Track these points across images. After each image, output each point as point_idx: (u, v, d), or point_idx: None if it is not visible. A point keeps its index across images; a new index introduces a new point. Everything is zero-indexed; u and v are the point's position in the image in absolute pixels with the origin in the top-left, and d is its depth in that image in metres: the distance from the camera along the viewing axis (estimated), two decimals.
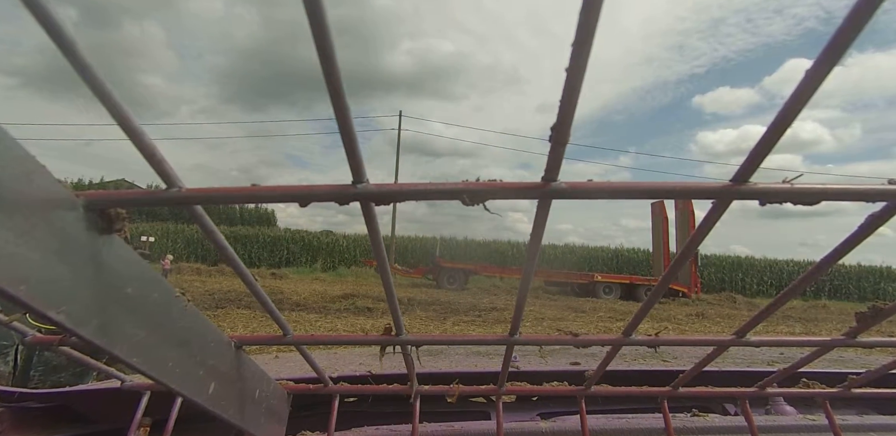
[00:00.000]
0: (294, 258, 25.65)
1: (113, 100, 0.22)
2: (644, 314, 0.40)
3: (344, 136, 0.24)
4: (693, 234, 0.31)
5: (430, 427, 0.74)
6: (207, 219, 0.29)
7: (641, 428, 0.73)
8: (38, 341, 0.43)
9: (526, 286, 0.36)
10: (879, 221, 0.28)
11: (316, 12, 0.18)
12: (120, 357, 0.27)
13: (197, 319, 0.37)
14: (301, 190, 0.26)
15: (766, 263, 27.47)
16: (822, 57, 0.20)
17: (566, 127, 0.22)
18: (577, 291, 16.05)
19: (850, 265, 26.94)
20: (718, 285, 24.33)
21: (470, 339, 0.47)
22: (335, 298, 10.34)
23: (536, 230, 0.30)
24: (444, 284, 15.57)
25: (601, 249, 28.51)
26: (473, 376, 1.01)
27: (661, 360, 1.26)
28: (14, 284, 0.20)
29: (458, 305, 10.10)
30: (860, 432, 0.75)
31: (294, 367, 1.08)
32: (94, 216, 0.25)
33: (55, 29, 0.19)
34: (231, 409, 0.42)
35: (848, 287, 26.07)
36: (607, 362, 0.50)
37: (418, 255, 24.75)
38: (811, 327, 9.89)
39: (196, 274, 16.13)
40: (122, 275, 0.27)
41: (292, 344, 0.45)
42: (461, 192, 0.26)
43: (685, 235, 15.32)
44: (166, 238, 23.53)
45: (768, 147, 0.24)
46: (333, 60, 0.20)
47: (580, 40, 0.19)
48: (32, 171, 0.22)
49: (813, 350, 0.47)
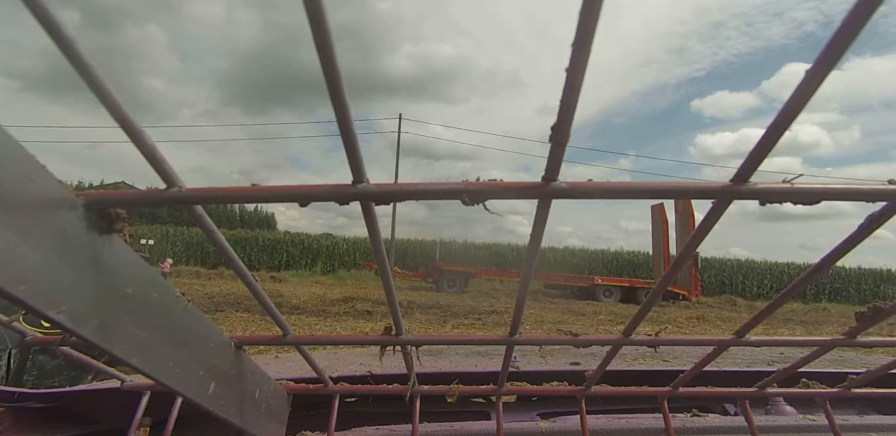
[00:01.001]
0: (293, 261, 25.65)
1: (113, 101, 0.22)
2: (644, 314, 0.40)
3: (344, 136, 0.24)
4: (693, 234, 0.31)
5: (430, 427, 0.74)
6: (207, 219, 0.29)
7: (641, 428, 0.73)
8: (36, 342, 0.43)
9: (526, 287, 0.36)
10: (879, 222, 0.28)
11: (316, 13, 0.18)
12: (120, 357, 0.27)
13: (197, 320, 0.37)
14: (301, 190, 0.26)
15: (766, 266, 27.48)
16: (821, 58, 0.20)
17: (566, 127, 0.23)
18: (577, 294, 16.06)
19: (850, 268, 26.96)
20: (718, 288, 24.34)
21: (470, 339, 0.47)
22: (335, 301, 10.33)
23: (536, 230, 0.30)
24: (444, 287, 15.59)
25: (601, 251, 28.56)
26: (473, 376, 1.01)
27: (661, 360, 1.26)
28: (14, 284, 0.20)
29: (457, 309, 10.10)
30: (860, 432, 0.75)
31: (294, 367, 1.08)
32: (94, 216, 0.25)
33: (55, 29, 0.19)
34: (231, 409, 0.42)
35: (848, 290, 26.07)
36: (607, 362, 0.50)
37: (418, 258, 24.78)
38: (812, 330, 9.90)
39: (195, 277, 16.14)
40: (123, 275, 0.27)
41: (292, 344, 0.45)
42: (461, 191, 0.26)
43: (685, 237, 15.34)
44: (166, 241, 23.51)
45: (768, 147, 0.24)
46: (333, 60, 0.20)
47: (580, 41, 0.19)
48: (33, 171, 0.22)
49: (813, 350, 0.47)
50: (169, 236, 24.20)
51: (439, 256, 18.79)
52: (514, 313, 0.41)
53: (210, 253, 22.57)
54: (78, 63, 0.20)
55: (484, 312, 9.86)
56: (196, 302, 0.37)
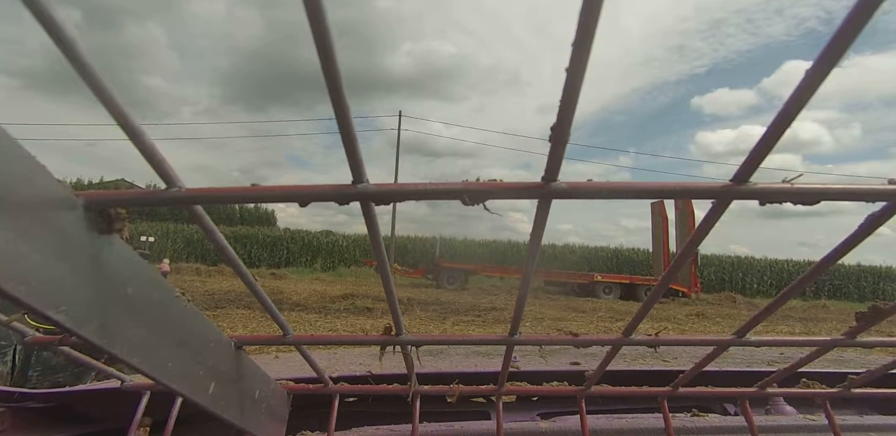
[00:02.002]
0: (294, 258, 25.55)
1: (112, 99, 0.22)
2: (644, 314, 0.40)
3: (344, 135, 0.24)
4: (693, 233, 0.31)
5: (430, 427, 0.74)
6: (208, 219, 0.29)
7: (641, 428, 0.73)
8: (37, 341, 0.43)
9: (526, 286, 0.36)
10: (879, 222, 0.28)
11: (316, 10, 0.18)
12: (120, 357, 0.27)
13: (197, 320, 0.37)
14: (301, 190, 0.26)
15: (766, 263, 27.39)
16: (822, 57, 0.20)
17: (566, 127, 0.22)
18: (577, 291, 15.99)
19: (849, 265, 26.91)
20: (718, 285, 24.24)
21: (470, 339, 0.47)
22: (335, 298, 10.35)
23: (536, 230, 0.30)
24: (444, 284, 15.52)
25: (601, 249, 28.34)
26: (473, 376, 1.01)
27: (661, 360, 1.26)
28: (14, 284, 0.20)
29: (457, 306, 10.07)
30: (860, 432, 0.75)
31: (294, 367, 1.08)
32: (94, 216, 0.25)
33: (54, 26, 0.19)
34: (231, 409, 0.42)
35: (848, 287, 26.04)
36: (607, 362, 0.50)
37: (418, 255, 24.65)
38: (811, 327, 9.89)
39: (196, 274, 16.11)
40: (123, 275, 0.27)
41: (292, 344, 0.45)
42: (461, 192, 0.26)
43: (685, 234, 15.32)
44: (166, 238, 23.39)
45: (768, 147, 0.24)
46: (333, 59, 0.20)
47: (580, 40, 0.19)
48: (33, 171, 0.22)
49: (813, 350, 0.47)
50: (169, 233, 24.07)
51: (439, 253, 18.70)
52: (514, 314, 0.41)
53: (210, 250, 22.45)
54: (77, 62, 0.20)
55: (484, 308, 9.81)
56: (197, 299, 0.37)
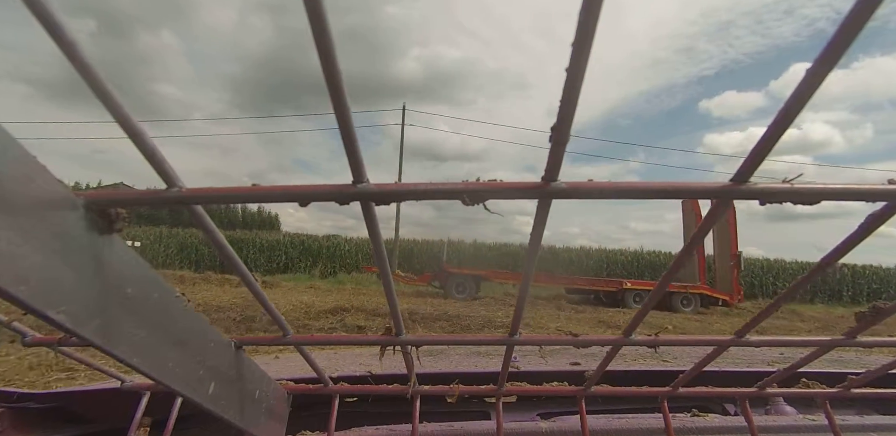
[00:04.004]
0: (293, 264, 24.49)
1: (113, 100, 0.22)
2: (644, 314, 0.40)
3: (344, 135, 0.24)
4: (693, 233, 0.31)
5: (430, 427, 0.74)
6: (208, 219, 0.29)
7: (641, 428, 0.73)
8: (37, 342, 0.43)
9: (526, 287, 0.36)
10: (879, 221, 0.28)
11: (316, 11, 0.18)
12: (120, 358, 0.27)
13: (197, 320, 0.37)
14: (301, 190, 0.26)
15: (797, 266, 25.32)
16: (822, 56, 0.20)
17: (566, 127, 0.23)
18: (603, 300, 13.71)
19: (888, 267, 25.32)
20: (748, 290, 21.71)
21: (470, 339, 0.47)
22: (322, 312, 8.44)
23: (536, 230, 0.30)
24: (453, 292, 13.35)
25: (619, 251, 26.02)
26: (473, 376, 1.01)
27: (661, 360, 1.26)
28: (14, 284, 0.20)
29: (469, 321, 8.27)
30: (860, 432, 0.75)
31: (294, 367, 1.08)
32: (94, 216, 0.25)
33: (56, 29, 0.19)
34: (231, 409, 0.42)
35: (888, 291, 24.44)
36: (607, 362, 0.50)
37: (423, 259, 23.45)
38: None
39: (178, 282, 13.00)
40: (123, 275, 0.27)
41: (292, 344, 0.45)
42: (461, 192, 0.26)
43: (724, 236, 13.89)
44: (159, 243, 22.46)
45: (769, 147, 0.24)
46: (333, 59, 0.20)
47: (580, 40, 0.19)
48: (33, 171, 0.22)
49: (813, 350, 0.47)
50: (162, 238, 23.14)
51: (446, 258, 16.92)
52: (515, 314, 0.41)
53: (204, 255, 21.91)
54: (78, 63, 0.20)
55: (501, 324, 7.99)
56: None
